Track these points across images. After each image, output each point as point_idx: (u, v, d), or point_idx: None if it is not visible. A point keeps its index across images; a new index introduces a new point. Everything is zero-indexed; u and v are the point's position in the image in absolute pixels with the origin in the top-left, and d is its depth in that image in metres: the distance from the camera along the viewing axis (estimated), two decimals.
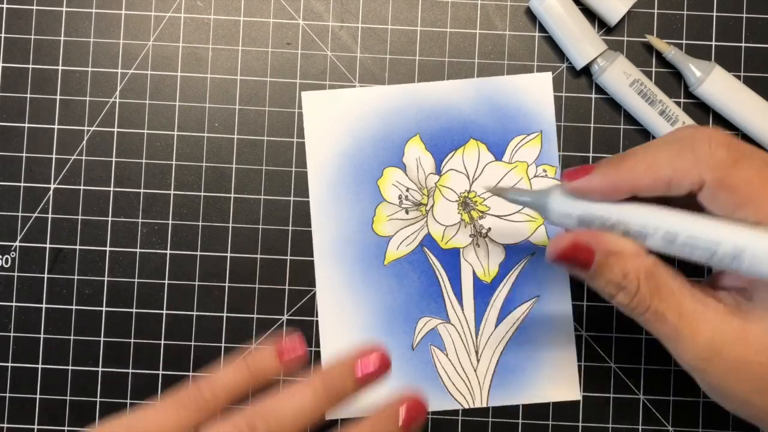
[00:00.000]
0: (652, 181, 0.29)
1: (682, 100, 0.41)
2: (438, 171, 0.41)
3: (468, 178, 0.41)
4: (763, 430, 0.31)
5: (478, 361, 0.40)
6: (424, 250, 0.41)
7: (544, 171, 0.41)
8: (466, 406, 0.40)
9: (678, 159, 0.29)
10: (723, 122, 0.41)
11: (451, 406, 0.40)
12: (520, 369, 0.40)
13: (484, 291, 0.41)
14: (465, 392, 0.40)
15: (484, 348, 0.40)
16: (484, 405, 0.40)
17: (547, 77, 0.41)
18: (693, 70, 0.40)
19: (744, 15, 0.41)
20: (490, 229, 0.41)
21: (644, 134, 0.41)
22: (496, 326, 0.41)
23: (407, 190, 0.41)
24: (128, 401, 0.40)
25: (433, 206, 0.41)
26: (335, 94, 0.41)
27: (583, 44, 0.40)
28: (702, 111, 0.41)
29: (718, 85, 0.40)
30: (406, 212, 0.41)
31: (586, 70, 0.41)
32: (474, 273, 0.41)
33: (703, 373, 0.30)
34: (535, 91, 0.41)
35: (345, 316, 0.41)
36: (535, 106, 0.41)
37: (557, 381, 0.40)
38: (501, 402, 0.40)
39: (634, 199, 0.30)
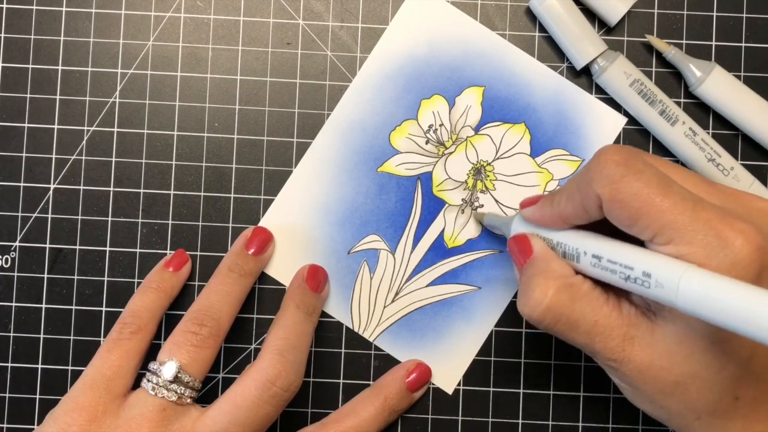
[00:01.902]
0: (573, 209, 0.31)
1: (682, 100, 0.41)
2: (477, 129, 0.41)
3: (497, 152, 0.41)
4: (669, 428, 0.32)
5: (392, 301, 0.41)
6: (417, 183, 0.41)
7: None
8: (354, 329, 0.41)
9: (581, 182, 0.30)
10: (723, 122, 0.41)
11: (344, 321, 0.41)
12: (420, 333, 0.41)
13: (439, 251, 0.41)
14: (363, 317, 0.41)
15: (404, 295, 0.41)
16: (370, 339, 0.41)
17: (621, 121, 0.41)
18: (693, 70, 0.40)
19: (744, 15, 0.41)
20: (482, 206, 0.41)
21: (645, 134, 0.41)
22: (427, 285, 0.41)
23: (440, 125, 0.41)
24: None
25: (451, 154, 0.41)
26: (442, 5, 0.41)
27: (583, 44, 0.40)
28: (702, 111, 0.41)
29: (718, 85, 0.40)
30: (426, 142, 0.41)
31: (587, 70, 0.41)
32: (443, 231, 0.41)
33: (615, 372, 0.31)
34: (604, 124, 0.41)
35: (310, 193, 0.41)
36: (595, 137, 0.41)
37: (442, 366, 0.41)
38: (385, 347, 0.41)
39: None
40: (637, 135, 0.41)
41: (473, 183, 0.41)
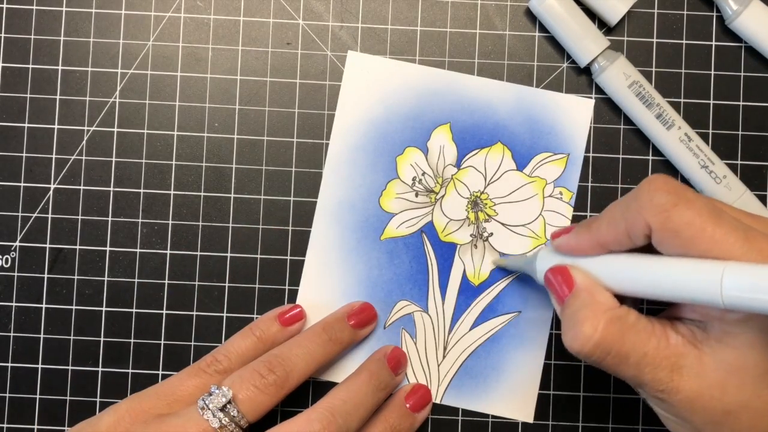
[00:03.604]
0: (615, 236, 0.31)
1: (682, 100, 0.41)
2: (458, 164, 0.41)
3: (485, 178, 0.41)
4: None
5: (444, 357, 0.41)
6: (423, 236, 0.41)
7: (560, 193, 0.41)
8: None
9: (627, 210, 0.30)
10: (723, 123, 0.41)
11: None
12: (482, 377, 0.40)
13: (468, 292, 0.41)
14: (423, 383, 0.40)
15: (453, 347, 0.41)
16: (438, 401, 0.40)
17: (590, 104, 0.41)
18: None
19: None
20: (492, 234, 0.41)
21: (643, 135, 0.41)
22: (470, 329, 0.41)
23: (423, 174, 0.41)
24: None
25: (443, 197, 0.41)
26: (379, 61, 0.41)
27: (585, 42, 0.40)
28: (702, 112, 0.41)
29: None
30: (416, 195, 0.41)
31: (588, 70, 0.41)
32: (464, 272, 0.41)
33: (661, 403, 0.30)
34: (574, 114, 0.41)
35: (328, 279, 0.41)
36: (570, 129, 0.41)
37: (514, 399, 0.40)
38: (454, 403, 0.40)
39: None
40: (636, 136, 0.41)
41: (474, 216, 0.41)
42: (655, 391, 0.30)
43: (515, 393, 0.40)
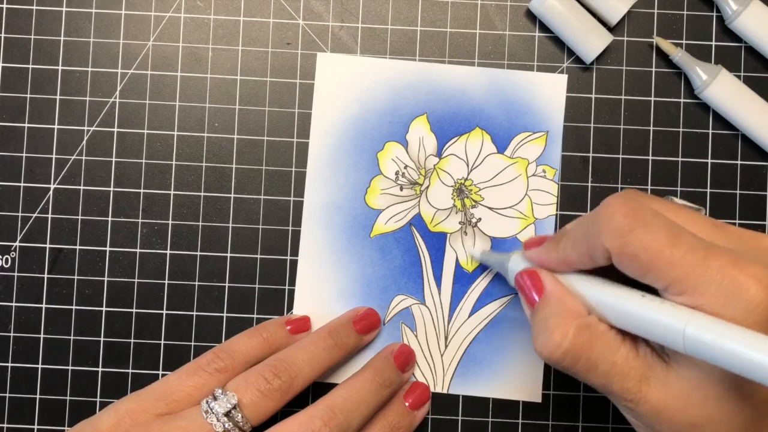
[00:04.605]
0: (578, 257, 0.31)
1: (681, 101, 0.41)
2: (439, 153, 0.41)
3: (467, 165, 0.41)
4: None
5: (446, 346, 0.41)
6: (412, 229, 0.41)
7: (544, 171, 0.41)
8: None
9: (588, 232, 0.30)
10: (723, 123, 0.41)
11: None
12: (487, 362, 0.41)
13: (463, 279, 0.41)
14: (428, 375, 0.41)
15: (454, 335, 0.41)
16: (445, 391, 0.41)
17: (563, 79, 0.41)
18: (699, 72, 0.40)
19: None
20: (480, 219, 0.41)
21: (644, 135, 0.41)
22: (469, 316, 0.41)
23: (405, 168, 0.41)
24: None
25: (428, 187, 0.41)
26: (350, 60, 0.41)
27: (589, 38, 0.40)
28: (702, 112, 0.41)
29: (724, 89, 0.39)
30: (401, 189, 0.41)
31: (588, 69, 0.41)
32: (457, 260, 0.41)
33: (631, 411, 0.31)
34: (548, 91, 0.41)
35: (323, 281, 0.41)
36: (546, 106, 0.41)
37: (521, 380, 0.40)
38: (462, 391, 0.41)
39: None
40: (637, 136, 0.41)
41: (461, 203, 0.41)
42: (623, 400, 0.30)
43: (521, 374, 0.41)
